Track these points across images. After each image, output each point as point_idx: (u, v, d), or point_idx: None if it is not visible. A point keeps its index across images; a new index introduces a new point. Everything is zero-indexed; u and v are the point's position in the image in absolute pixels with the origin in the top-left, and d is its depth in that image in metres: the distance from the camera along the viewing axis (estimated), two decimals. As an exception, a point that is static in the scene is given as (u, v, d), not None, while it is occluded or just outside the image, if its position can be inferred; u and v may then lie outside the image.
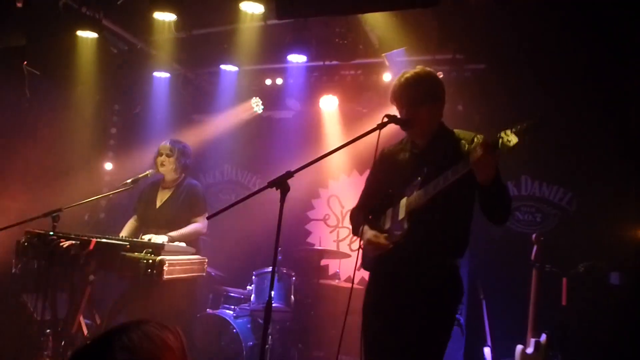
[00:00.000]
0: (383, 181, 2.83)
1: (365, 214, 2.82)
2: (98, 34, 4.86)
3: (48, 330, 3.94)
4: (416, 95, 2.60)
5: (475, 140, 2.57)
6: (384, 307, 2.64)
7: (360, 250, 2.80)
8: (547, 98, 5.05)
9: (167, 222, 4.08)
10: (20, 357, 3.44)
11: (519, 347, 4.03)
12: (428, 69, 2.71)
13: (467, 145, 2.56)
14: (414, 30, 4.68)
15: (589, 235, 4.78)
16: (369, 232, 2.68)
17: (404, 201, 2.62)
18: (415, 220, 2.54)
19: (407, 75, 2.65)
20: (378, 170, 2.86)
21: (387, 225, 2.69)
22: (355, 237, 2.93)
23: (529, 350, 3.99)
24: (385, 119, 2.53)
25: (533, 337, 4.02)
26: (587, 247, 4.63)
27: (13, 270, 3.57)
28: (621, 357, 4.45)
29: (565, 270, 4.14)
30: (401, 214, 2.60)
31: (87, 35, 4.87)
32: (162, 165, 4.24)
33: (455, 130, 2.72)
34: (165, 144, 4.29)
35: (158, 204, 4.27)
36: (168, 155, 4.23)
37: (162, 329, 1.08)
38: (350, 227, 3.03)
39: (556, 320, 4.09)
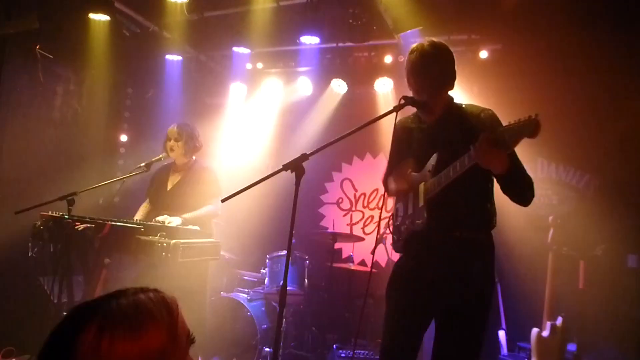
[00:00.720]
0: (400, 152, 2.78)
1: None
2: (110, 17, 4.84)
3: (65, 313, 3.99)
4: (435, 77, 2.54)
5: (482, 116, 2.54)
6: (412, 287, 2.58)
7: (389, 236, 2.78)
8: (563, 79, 4.97)
9: (179, 205, 4.08)
10: (37, 340, 3.47)
11: (535, 331, 4.00)
12: (438, 42, 2.60)
13: (474, 118, 2.54)
14: (429, 10, 4.60)
15: (606, 217, 4.71)
16: (392, 182, 2.72)
17: (421, 187, 2.59)
18: (434, 206, 2.51)
19: (422, 52, 2.55)
20: (397, 140, 2.79)
21: (410, 211, 2.67)
22: (369, 220, 2.93)
23: (545, 333, 3.96)
24: (402, 101, 2.49)
25: (549, 320, 3.98)
26: (604, 230, 4.57)
27: (30, 254, 3.59)
28: (639, 341, 4.41)
29: (582, 252, 4.09)
30: (420, 201, 2.58)
31: (99, 18, 4.85)
32: (172, 150, 4.22)
33: (464, 105, 2.67)
34: (173, 127, 4.26)
35: (169, 187, 4.27)
36: (177, 140, 4.21)
37: (159, 301, 1.05)
38: (363, 210, 3.01)
39: (573, 304, 4.05)
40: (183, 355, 1.05)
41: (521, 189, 2.47)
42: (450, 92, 2.68)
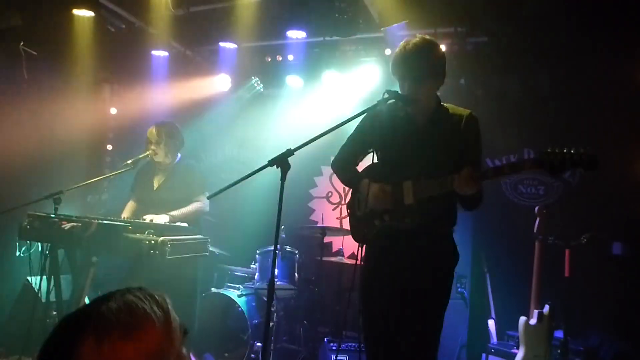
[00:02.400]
0: (375, 139, 2.76)
1: (353, 168, 2.91)
2: (94, 13, 4.79)
3: (54, 312, 3.97)
4: (419, 70, 2.56)
5: (466, 119, 2.66)
6: (389, 280, 2.65)
7: (351, 222, 2.90)
8: (549, 71, 5.01)
9: (165, 204, 4.06)
10: (27, 339, 3.46)
11: (523, 319, 4.05)
12: (428, 38, 2.66)
13: (461, 124, 2.66)
14: (415, 4, 4.60)
15: (591, 206, 4.78)
16: (374, 186, 2.67)
17: (408, 185, 2.61)
18: (424, 206, 2.59)
19: (409, 47, 2.59)
20: (370, 125, 2.79)
21: (390, 206, 2.69)
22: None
23: (533, 321, 4.01)
24: (386, 95, 2.50)
25: (536, 308, 4.03)
26: (589, 219, 4.63)
27: (17, 253, 3.58)
28: (624, 327, 4.48)
29: (568, 241, 4.14)
30: (407, 199, 2.61)
31: (83, 13, 4.80)
32: (155, 153, 4.18)
33: (449, 106, 2.72)
34: (151, 130, 4.19)
35: (155, 186, 4.25)
36: (157, 143, 4.15)
37: (148, 298, 1.03)
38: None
39: (559, 292, 4.10)
40: (179, 349, 1.05)
41: (475, 205, 2.66)
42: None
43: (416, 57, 2.56)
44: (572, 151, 2.22)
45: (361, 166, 2.95)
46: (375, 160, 2.72)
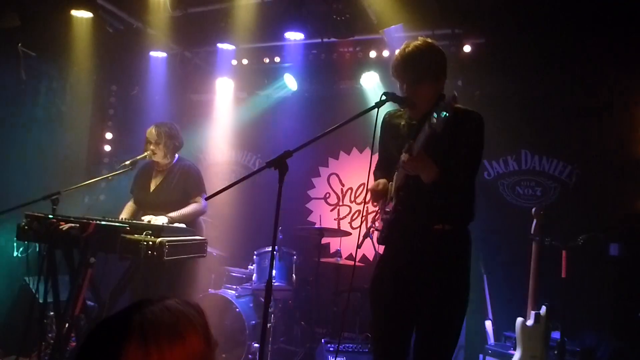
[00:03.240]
0: (387, 145, 2.84)
1: (384, 174, 2.87)
2: (93, 14, 4.80)
3: (51, 313, 3.97)
4: (417, 72, 2.54)
5: (466, 116, 2.57)
6: (395, 279, 2.63)
7: (372, 230, 2.83)
8: (546, 72, 5.03)
9: (163, 205, 4.06)
10: (24, 340, 3.46)
11: (520, 320, 4.06)
12: (429, 40, 2.63)
13: (457, 120, 2.50)
14: (413, 5, 4.62)
15: (588, 207, 4.80)
16: (371, 184, 2.75)
17: (393, 179, 2.66)
18: (403, 196, 2.58)
19: (408, 49, 2.57)
20: (383, 134, 2.86)
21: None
22: (356, 215, 2.97)
23: (529, 322, 4.03)
24: (384, 97, 2.50)
25: (533, 309, 4.05)
26: (586, 220, 4.65)
27: (14, 254, 3.57)
28: (620, 328, 4.49)
29: (565, 243, 4.15)
30: (390, 192, 2.65)
31: (82, 14, 4.80)
32: (154, 153, 4.19)
33: (455, 107, 2.68)
34: (151, 130, 4.19)
35: (153, 187, 4.25)
36: (157, 143, 4.16)
37: (185, 304, 1.04)
38: (350, 205, 3.06)
39: (556, 293, 4.11)
40: (215, 357, 1.05)
41: (445, 191, 2.51)
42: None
43: (415, 59, 2.55)
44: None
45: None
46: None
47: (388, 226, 2.69)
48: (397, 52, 2.65)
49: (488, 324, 4.72)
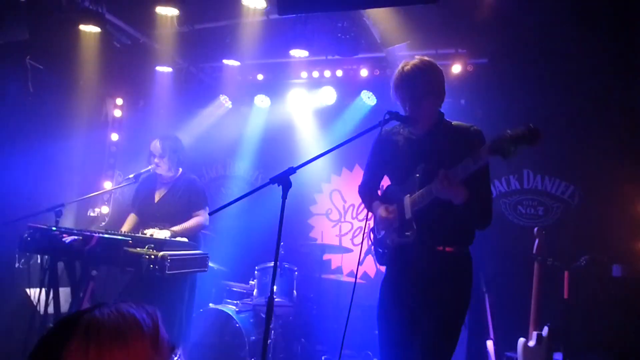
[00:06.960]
0: (384, 162, 2.86)
1: (373, 193, 2.90)
2: (101, 28, 4.85)
3: (51, 325, 3.96)
4: (418, 90, 2.59)
5: (472, 130, 2.63)
6: (403, 300, 2.66)
7: (371, 248, 2.86)
8: (548, 92, 5.06)
9: (166, 217, 4.08)
10: (24, 352, 3.45)
11: (522, 340, 4.04)
12: (427, 59, 2.68)
13: (464, 135, 2.62)
14: (416, 25, 4.67)
15: (590, 228, 4.78)
16: (380, 208, 2.75)
17: (407, 200, 2.64)
18: (422, 218, 2.58)
19: (407, 68, 2.63)
20: (378, 150, 2.87)
21: (396, 224, 2.72)
22: (358, 232, 2.98)
23: (531, 343, 4.00)
24: (387, 116, 2.53)
25: (535, 330, 4.02)
26: (589, 240, 4.63)
27: (17, 265, 3.58)
28: (623, 350, 4.45)
29: (567, 263, 4.14)
30: (407, 214, 2.63)
31: (89, 29, 4.86)
32: (158, 166, 4.23)
33: (454, 122, 2.72)
34: (155, 143, 4.25)
35: (156, 199, 4.28)
36: (161, 156, 4.20)
37: (139, 308, 1.05)
38: (352, 222, 3.07)
39: (558, 313, 4.09)
40: None
41: (477, 217, 2.60)
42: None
43: (414, 78, 2.59)
44: (514, 129, 2.22)
45: None
46: (389, 182, 2.78)
47: (395, 247, 2.70)
48: (395, 73, 2.69)
49: (489, 344, 4.68)
